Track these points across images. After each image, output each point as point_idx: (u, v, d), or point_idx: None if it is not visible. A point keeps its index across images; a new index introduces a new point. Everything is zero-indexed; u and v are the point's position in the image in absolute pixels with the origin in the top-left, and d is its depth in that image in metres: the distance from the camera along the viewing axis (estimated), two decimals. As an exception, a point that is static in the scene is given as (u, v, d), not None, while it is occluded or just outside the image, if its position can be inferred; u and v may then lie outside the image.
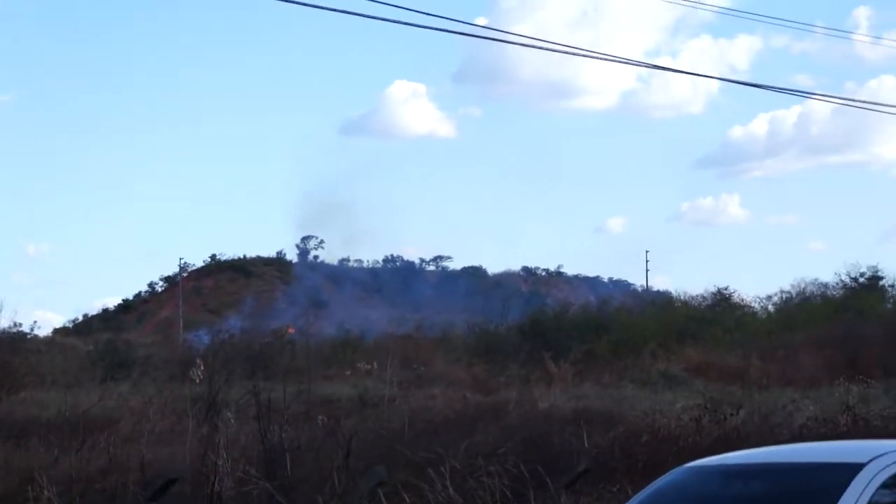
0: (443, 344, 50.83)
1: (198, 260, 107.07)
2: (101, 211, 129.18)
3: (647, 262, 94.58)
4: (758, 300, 58.13)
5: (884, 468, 6.36)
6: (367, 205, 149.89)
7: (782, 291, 58.15)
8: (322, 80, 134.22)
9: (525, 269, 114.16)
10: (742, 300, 57.15)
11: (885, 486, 6.29)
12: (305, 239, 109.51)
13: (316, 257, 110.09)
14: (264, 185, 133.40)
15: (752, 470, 6.73)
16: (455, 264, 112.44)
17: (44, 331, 66.11)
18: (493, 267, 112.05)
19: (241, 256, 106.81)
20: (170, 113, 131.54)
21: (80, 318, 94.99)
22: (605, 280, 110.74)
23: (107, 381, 34.90)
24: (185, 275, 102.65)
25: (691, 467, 6.97)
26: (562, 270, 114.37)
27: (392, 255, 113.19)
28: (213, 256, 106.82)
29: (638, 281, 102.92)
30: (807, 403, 18.32)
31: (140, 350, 50.42)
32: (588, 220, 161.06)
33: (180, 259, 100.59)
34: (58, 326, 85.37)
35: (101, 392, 28.48)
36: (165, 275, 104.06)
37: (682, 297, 60.46)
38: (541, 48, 16.99)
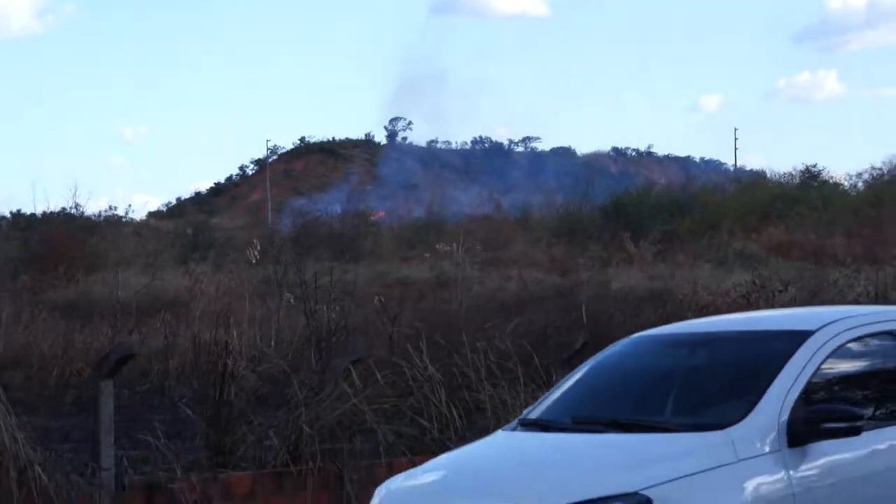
0: (524, 225, 50.72)
1: (287, 143, 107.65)
2: (195, 94, 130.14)
3: (735, 140, 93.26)
4: (848, 177, 57.05)
5: (835, 335, 6.06)
6: (457, 85, 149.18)
7: (873, 168, 56.98)
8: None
9: (615, 149, 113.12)
10: (831, 177, 56.15)
11: (835, 354, 6.02)
12: (394, 120, 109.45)
13: (405, 139, 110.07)
14: (353, 66, 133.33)
15: (698, 339, 6.50)
16: (544, 145, 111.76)
17: (139, 214, 67.35)
18: (583, 147, 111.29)
19: (331, 138, 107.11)
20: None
21: (174, 202, 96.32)
22: (697, 160, 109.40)
23: (186, 263, 35.47)
24: (274, 157, 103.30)
25: (641, 336, 6.79)
26: (652, 151, 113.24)
27: (481, 137, 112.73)
28: (302, 139, 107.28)
29: (731, 160, 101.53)
30: (859, 279, 17.92)
31: (226, 232, 50.97)
32: (682, 99, 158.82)
33: (267, 141, 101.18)
34: (152, 210, 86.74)
35: (180, 273, 28.96)
36: (256, 158, 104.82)
37: (771, 176, 59.60)
38: None
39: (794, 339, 6.02)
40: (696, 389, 6.14)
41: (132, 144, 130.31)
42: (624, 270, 33.01)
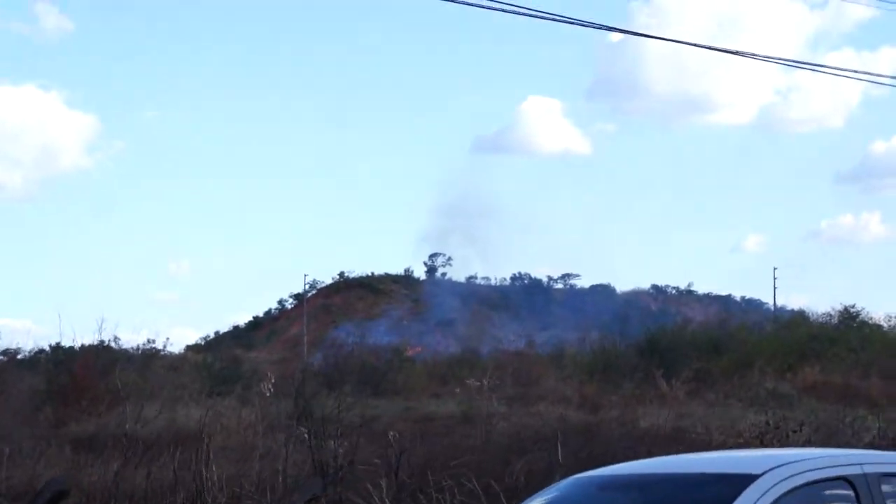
0: (557, 361, 50.31)
1: (327, 277, 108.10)
2: (236, 229, 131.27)
3: (774, 279, 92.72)
4: (888, 318, 56.28)
5: (781, 481, 5.55)
6: (498, 222, 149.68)
7: (913, 310, 56.24)
8: (454, 97, 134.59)
9: (654, 286, 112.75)
10: (871, 318, 55.43)
11: (780, 501, 5.46)
12: (433, 256, 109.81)
13: (444, 274, 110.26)
14: (393, 201, 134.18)
15: (636, 481, 6.08)
16: (584, 282, 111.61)
17: (177, 347, 67.47)
18: (623, 285, 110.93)
19: (370, 274, 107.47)
20: (298, 129, 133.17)
21: (213, 335, 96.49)
22: (737, 299, 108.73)
23: (212, 396, 35.27)
24: (313, 292, 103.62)
25: (577, 479, 6.37)
26: (692, 289, 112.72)
27: (520, 273, 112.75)
28: (341, 273, 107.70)
29: (771, 300, 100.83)
30: (873, 421, 17.41)
31: (256, 365, 50.83)
32: (724, 238, 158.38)
33: (305, 276, 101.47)
34: (190, 343, 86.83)
35: (202, 408, 28.72)
36: (295, 292, 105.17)
37: (811, 316, 58.96)
38: (687, 43, 16.43)
39: (736, 483, 5.54)
40: None
41: (176, 278, 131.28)
42: (655, 408, 32.52)
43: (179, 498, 16.09)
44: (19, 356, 43.41)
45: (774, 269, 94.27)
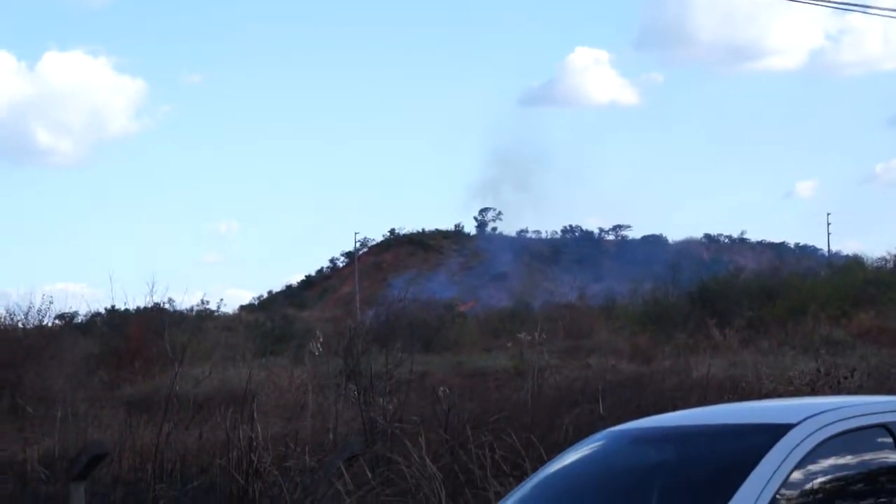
0: (609, 313, 50.16)
1: (377, 235, 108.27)
2: (285, 189, 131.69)
3: (828, 225, 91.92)
4: (946, 262, 55.57)
5: (817, 430, 5.43)
6: (548, 175, 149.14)
7: (971, 253, 55.46)
8: (501, 50, 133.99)
9: (707, 236, 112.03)
10: (927, 262, 54.78)
11: (817, 450, 5.38)
12: (483, 211, 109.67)
13: (494, 229, 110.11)
14: (443, 157, 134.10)
15: (669, 434, 5.95)
16: (635, 233, 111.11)
17: (231, 308, 68.03)
18: (674, 235, 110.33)
19: (420, 230, 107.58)
20: (347, 90, 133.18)
21: (266, 295, 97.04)
22: (791, 246, 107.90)
23: (265, 356, 35.49)
24: (364, 250, 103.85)
25: (610, 432, 6.28)
26: (745, 237, 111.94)
27: (571, 226, 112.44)
28: (391, 231, 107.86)
29: (825, 246, 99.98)
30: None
31: (308, 324, 51.04)
32: (776, 185, 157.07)
33: (356, 234, 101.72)
34: (244, 303, 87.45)
35: (251, 367, 28.89)
36: (346, 250, 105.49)
37: (866, 261, 58.39)
38: None
39: (772, 433, 5.42)
40: (671, 491, 5.56)
41: (227, 239, 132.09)
42: (707, 358, 32.35)
43: (230, 457, 16.19)
44: (75, 320, 43.89)
45: (828, 214, 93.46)
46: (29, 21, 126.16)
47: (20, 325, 28.74)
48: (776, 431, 5.44)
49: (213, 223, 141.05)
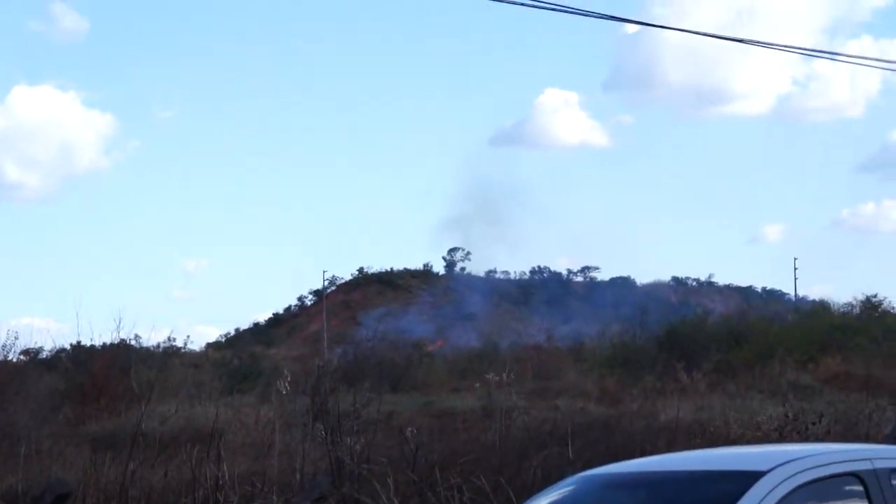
0: (578, 355, 50.21)
1: (346, 273, 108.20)
2: (254, 226, 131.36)
3: (795, 269, 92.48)
4: (911, 308, 55.91)
5: (788, 478, 5.39)
6: (518, 215, 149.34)
7: (937, 298, 55.87)
8: (472, 91, 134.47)
9: (675, 279, 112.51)
10: (893, 308, 55.12)
11: (788, 498, 5.32)
12: (452, 251, 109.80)
13: (463, 269, 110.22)
14: (413, 196, 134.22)
15: (641, 480, 5.92)
16: (603, 275, 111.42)
17: (198, 345, 67.66)
18: (643, 277, 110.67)
19: (389, 269, 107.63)
20: (315, 125, 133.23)
21: (233, 333, 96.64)
22: (758, 289, 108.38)
23: (232, 394, 35.27)
24: (332, 288, 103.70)
25: (582, 477, 6.25)
26: (713, 280, 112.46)
27: (540, 267, 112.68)
28: (360, 269, 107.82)
29: (793, 290, 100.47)
30: (893, 412, 17.21)
31: (276, 363, 50.81)
32: (744, 229, 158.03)
33: (324, 272, 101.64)
34: (211, 341, 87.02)
35: (220, 406, 28.71)
36: (315, 288, 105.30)
37: (832, 306, 58.70)
38: (703, 34, 16.31)
39: (743, 480, 5.38)
40: None
41: (195, 276, 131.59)
42: (675, 401, 32.39)
43: (195, 497, 16.08)
44: (40, 356, 43.52)
45: (795, 259, 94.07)
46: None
47: (-15, 360, 28.47)
48: (747, 479, 5.41)
49: (182, 259, 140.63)
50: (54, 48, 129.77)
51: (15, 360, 31.87)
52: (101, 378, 31.30)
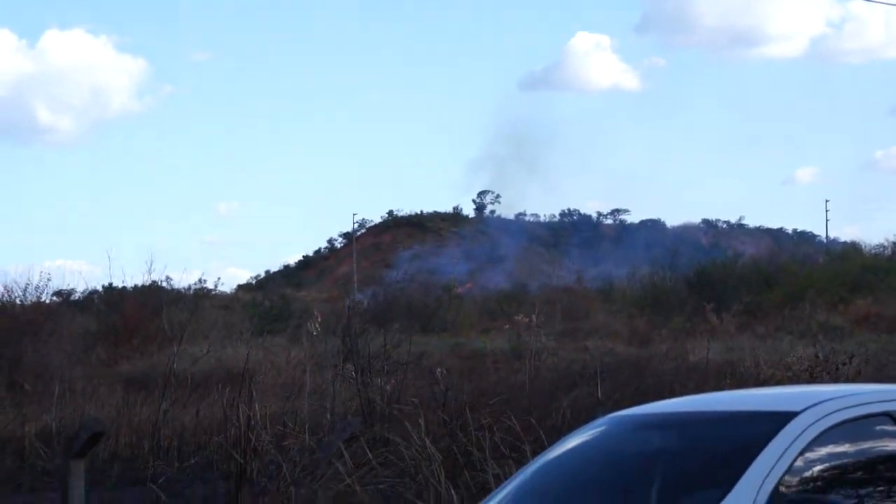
0: (607, 297, 50.18)
1: (376, 217, 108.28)
2: (285, 170, 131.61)
3: (826, 211, 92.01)
4: (943, 249, 55.56)
5: (821, 417, 5.37)
6: (548, 159, 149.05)
7: (969, 239, 55.46)
8: (502, 34, 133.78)
9: (705, 221, 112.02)
10: (925, 249, 54.79)
11: (820, 438, 5.32)
12: (482, 194, 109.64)
13: (493, 212, 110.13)
14: (442, 140, 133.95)
15: (672, 421, 5.88)
16: (633, 217, 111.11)
17: (228, 287, 68.00)
18: (673, 220, 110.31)
19: (419, 212, 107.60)
20: (347, 71, 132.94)
21: (263, 275, 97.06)
22: (789, 232, 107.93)
23: (263, 335, 35.45)
24: (362, 231, 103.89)
25: (613, 417, 6.22)
26: (743, 222, 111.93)
27: (569, 209, 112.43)
28: (390, 212, 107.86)
29: (825, 232, 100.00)
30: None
31: (306, 304, 51.03)
32: (776, 171, 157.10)
33: (354, 215, 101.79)
34: (242, 283, 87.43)
35: (249, 346, 28.87)
36: (344, 231, 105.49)
37: (864, 247, 58.43)
38: None
39: (775, 421, 5.37)
40: (673, 478, 5.51)
41: (226, 219, 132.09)
42: (704, 342, 32.40)
43: (227, 436, 16.20)
44: (72, 297, 43.84)
45: (826, 201, 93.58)
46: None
47: (18, 301, 28.69)
48: (779, 419, 5.40)
49: (213, 203, 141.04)
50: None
51: (48, 301, 32.10)
52: (133, 319, 31.52)
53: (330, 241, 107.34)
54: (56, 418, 16.84)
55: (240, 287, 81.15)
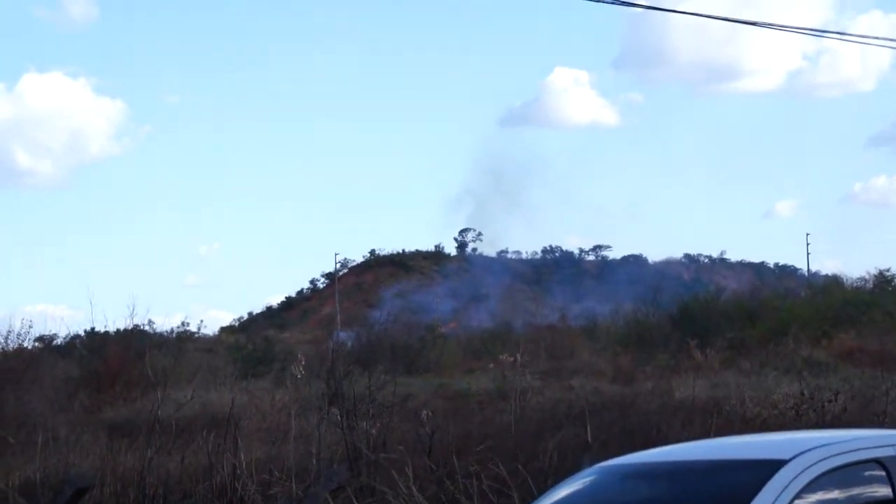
0: (591, 334, 50.18)
1: (357, 256, 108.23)
2: (265, 209, 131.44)
3: (808, 245, 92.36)
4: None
5: (810, 466, 5.35)
6: (529, 195, 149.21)
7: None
8: (481, 71, 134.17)
9: (687, 256, 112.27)
10: (907, 282, 54.91)
11: (810, 486, 5.28)
12: (463, 231, 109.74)
13: (475, 249, 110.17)
14: (424, 178, 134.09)
15: (661, 470, 5.87)
16: (615, 253, 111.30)
17: (211, 329, 67.74)
18: (654, 255, 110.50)
19: (400, 251, 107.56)
20: (326, 109, 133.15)
21: (246, 317, 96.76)
22: (771, 265, 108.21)
23: (247, 378, 35.33)
24: (344, 271, 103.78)
25: (602, 467, 6.20)
26: (725, 257, 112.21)
27: (551, 246, 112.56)
28: (372, 251, 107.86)
29: (806, 266, 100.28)
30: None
31: (289, 346, 50.88)
32: (756, 205, 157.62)
33: (336, 255, 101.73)
34: (224, 325, 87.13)
35: (235, 391, 28.75)
36: (327, 271, 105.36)
37: (845, 281, 58.60)
38: (709, 17, 16.26)
39: (764, 469, 5.34)
40: None
41: (207, 261, 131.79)
42: (689, 379, 32.40)
43: (213, 483, 16.11)
44: (55, 342, 43.64)
45: (807, 234, 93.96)
46: (7, 42, 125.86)
47: (0, 349, 28.53)
48: (769, 467, 5.38)
49: (194, 244, 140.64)
50: (63, 36, 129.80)
51: (30, 347, 31.92)
52: (116, 364, 31.39)
53: (312, 282, 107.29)
54: (40, 468, 16.70)
55: (222, 329, 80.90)
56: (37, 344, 39.26)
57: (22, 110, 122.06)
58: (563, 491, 6.10)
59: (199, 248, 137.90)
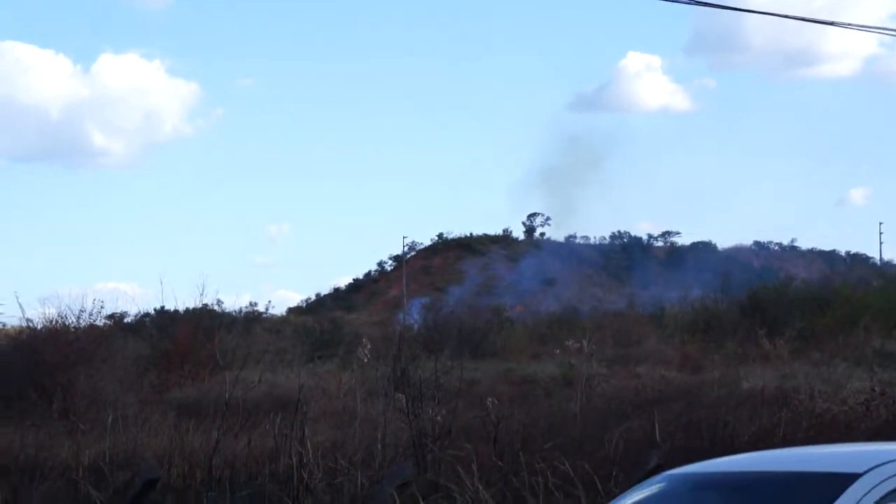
0: (658, 321, 49.89)
1: (426, 239, 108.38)
2: (336, 192, 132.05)
3: (880, 233, 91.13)
4: None
5: (884, 480, 5.22)
6: (598, 180, 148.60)
7: None
8: (551, 55, 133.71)
9: (757, 243, 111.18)
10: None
11: (883, 501, 5.15)
12: (532, 216, 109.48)
13: (542, 234, 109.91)
14: (491, 162, 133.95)
15: (731, 481, 5.79)
16: (684, 239, 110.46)
17: (279, 310, 68.18)
18: (724, 242, 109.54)
19: (468, 234, 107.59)
20: (398, 94, 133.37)
21: (313, 298, 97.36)
22: (842, 254, 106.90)
23: (314, 360, 35.56)
24: (412, 254, 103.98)
25: (670, 476, 6.12)
26: (795, 244, 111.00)
27: (619, 232, 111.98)
28: (440, 235, 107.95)
29: (878, 254, 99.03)
30: None
31: (356, 328, 51.09)
32: (829, 192, 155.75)
33: (404, 238, 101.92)
34: (292, 305, 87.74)
35: (302, 374, 28.92)
36: (394, 254, 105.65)
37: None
38: (783, 16, 16.20)
39: (837, 483, 5.26)
40: None
41: (277, 242, 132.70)
42: (758, 368, 32.07)
43: (278, 467, 16.20)
44: (125, 321, 44.11)
45: (880, 223, 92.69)
46: (84, 24, 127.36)
47: (72, 327, 28.83)
48: (841, 481, 5.30)
49: (264, 225, 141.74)
50: (139, 17, 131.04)
51: (101, 325, 32.21)
52: (185, 344, 31.65)
53: (380, 264, 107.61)
54: (109, 447, 16.89)
55: (290, 310, 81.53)
56: (108, 322, 39.68)
57: (98, 90, 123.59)
58: (631, 498, 6.05)
59: (268, 229, 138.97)
